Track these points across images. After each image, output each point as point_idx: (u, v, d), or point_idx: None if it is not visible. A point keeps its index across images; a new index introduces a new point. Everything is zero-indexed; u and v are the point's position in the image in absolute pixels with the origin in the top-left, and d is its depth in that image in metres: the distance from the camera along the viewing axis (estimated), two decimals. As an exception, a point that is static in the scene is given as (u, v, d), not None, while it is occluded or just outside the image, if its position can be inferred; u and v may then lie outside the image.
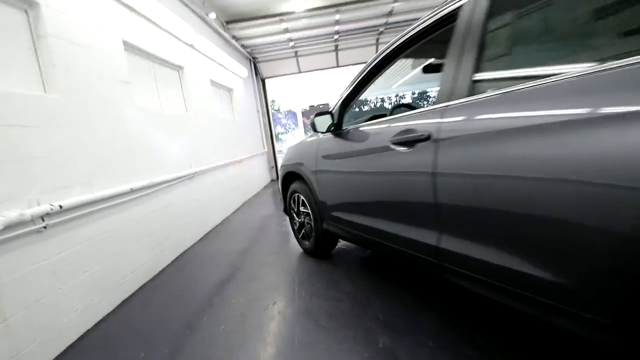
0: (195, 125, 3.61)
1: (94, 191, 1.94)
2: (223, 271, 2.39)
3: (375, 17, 5.23)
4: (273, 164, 7.37)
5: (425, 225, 1.25)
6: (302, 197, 2.37)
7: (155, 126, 2.77)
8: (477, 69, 1.08)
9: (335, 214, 1.92)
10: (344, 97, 1.85)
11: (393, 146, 1.35)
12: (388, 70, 1.75)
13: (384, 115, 1.95)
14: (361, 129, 1.67)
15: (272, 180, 7.27)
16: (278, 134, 17.63)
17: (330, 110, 1.89)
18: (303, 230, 2.47)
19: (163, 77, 3.19)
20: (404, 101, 19.43)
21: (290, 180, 2.58)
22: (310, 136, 2.31)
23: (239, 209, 4.66)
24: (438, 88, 1.24)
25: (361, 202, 1.65)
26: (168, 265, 2.63)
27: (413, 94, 19.50)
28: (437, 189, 1.15)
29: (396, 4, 4.78)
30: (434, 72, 2.10)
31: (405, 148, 1.28)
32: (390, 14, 5.15)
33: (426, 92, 19.61)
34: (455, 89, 1.13)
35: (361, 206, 1.66)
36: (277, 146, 7.96)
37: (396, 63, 1.67)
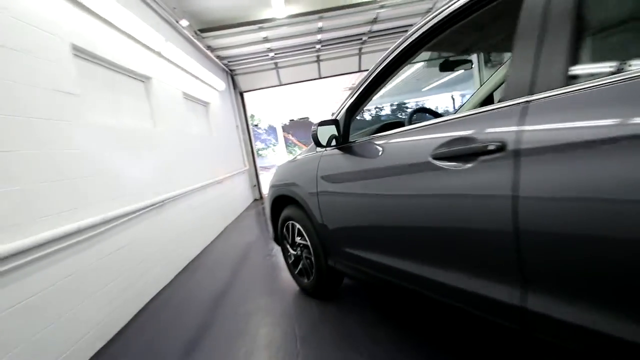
0: (166, 144, 3.13)
1: (23, 235, 1.45)
2: (200, 325, 1.90)
3: (359, 24, 4.99)
4: (255, 182, 6.88)
5: (499, 274, 0.86)
6: (298, 226, 1.95)
7: (114, 146, 2.28)
8: (577, 46, 0.73)
9: (348, 250, 1.50)
10: (350, 102, 1.47)
11: (437, 162, 0.97)
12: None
13: (399, 125, 1.59)
14: (378, 142, 1.29)
15: (255, 200, 6.77)
16: (258, 149, 17.20)
17: (334, 117, 1.50)
18: (300, 265, 2.03)
19: (126, 89, 2.72)
20: (387, 110, 19.50)
21: (281, 204, 2.16)
22: (306, 152, 1.91)
23: (219, 235, 4.14)
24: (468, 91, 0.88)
25: (389, 237, 1.24)
26: (130, 321, 2.09)
27: (392, 105, 19.58)
28: (520, 221, 0.77)
29: (381, 10, 4.56)
30: (453, 69, 1.79)
31: (459, 164, 0.90)
32: (374, 21, 4.93)
33: (404, 104, 19.69)
34: (538, 77, 0.77)
35: (389, 242, 1.25)
36: (259, 162, 7.50)
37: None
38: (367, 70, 1.35)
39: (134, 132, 2.61)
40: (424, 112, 1.67)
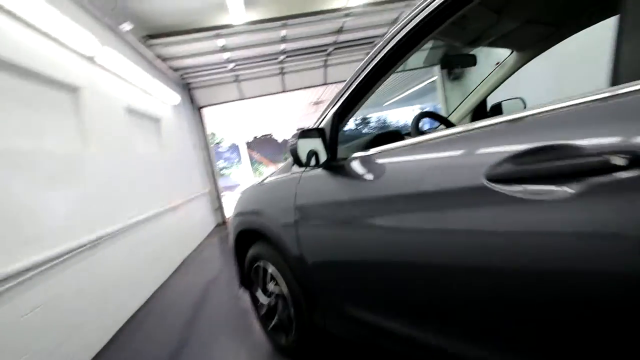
0: (102, 168, 2.55)
1: None
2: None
3: (325, 34, 4.75)
4: (217, 205, 6.26)
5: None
6: (270, 269, 1.51)
7: (26, 175, 1.72)
8: None
9: (344, 306, 1.09)
10: (338, 105, 1.10)
11: (498, 186, 0.61)
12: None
13: (397, 136, 1.25)
14: (382, 160, 0.92)
15: (218, 225, 6.13)
16: (221, 169, 16.42)
17: (317, 126, 1.12)
18: (275, 320, 1.57)
19: (45, 102, 2.15)
20: (350, 125, 19.57)
21: (248, 240, 1.71)
22: (278, 173, 1.50)
23: (175, 272, 3.52)
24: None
25: (414, 296, 0.85)
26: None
27: (355, 119, 19.68)
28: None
29: (347, 19, 4.35)
30: (456, 66, 1.49)
31: (543, 188, 0.55)
32: (340, 31, 4.72)
33: (367, 118, 19.80)
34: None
35: (413, 304, 0.86)
36: (222, 182, 6.91)
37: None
38: (335, 82, 1.01)
39: (57, 155, 2.04)
40: (431, 118, 1.35)
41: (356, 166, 1.00)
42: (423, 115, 1.28)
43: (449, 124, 1.40)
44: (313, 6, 4.05)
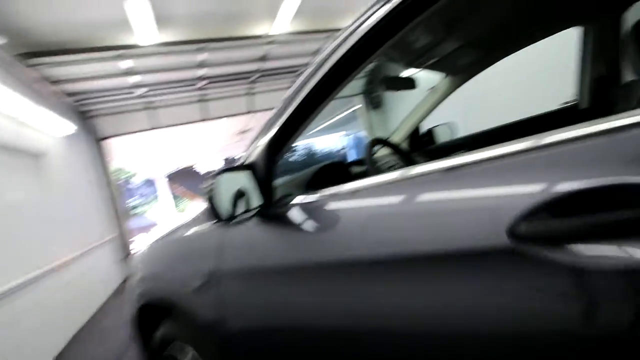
0: None
1: None
2: None
3: (248, 61, 4.54)
4: (126, 253, 5.26)
5: None
6: (189, 355, 1.10)
7: None
8: None
9: None
10: (272, 133, 0.83)
11: (527, 247, 0.39)
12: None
13: (343, 167, 1.04)
14: (335, 206, 0.67)
15: (125, 281, 5.08)
16: (134, 207, 14.49)
17: (245, 161, 0.82)
18: None
19: None
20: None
21: (157, 315, 1.27)
22: (194, 223, 1.13)
23: (59, 357, 2.66)
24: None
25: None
26: None
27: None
28: None
29: (271, 47, 4.22)
30: (399, 88, 1.36)
31: (597, 249, 0.35)
32: (264, 58, 4.56)
33: (292, 147, 19.77)
34: None
35: None
36: (136, 222, 5.91)
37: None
38: (261, 110, 0.77)
39: None
40: (384, 145, 1.16)
41: (301, 215, 0.72)
42: (375, 142, 1.09)
43: (402, 154, 1.23)
44: (234, 31, 3.82)
